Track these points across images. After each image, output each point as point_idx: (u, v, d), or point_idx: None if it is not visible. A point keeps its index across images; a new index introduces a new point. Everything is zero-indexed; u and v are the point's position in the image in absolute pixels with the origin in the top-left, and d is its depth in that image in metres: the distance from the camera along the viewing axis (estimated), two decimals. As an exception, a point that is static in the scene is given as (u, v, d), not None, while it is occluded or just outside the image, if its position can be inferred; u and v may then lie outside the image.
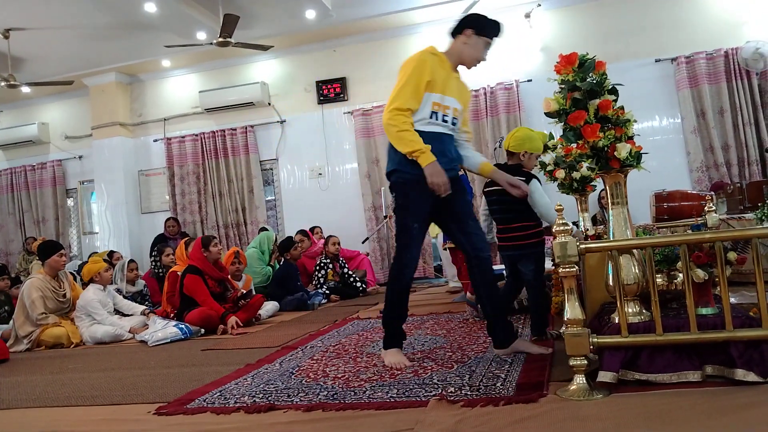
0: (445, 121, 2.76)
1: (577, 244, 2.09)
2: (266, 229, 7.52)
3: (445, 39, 2.89)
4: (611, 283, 2.14)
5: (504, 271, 4.02)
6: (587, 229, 3.35)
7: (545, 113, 2.38)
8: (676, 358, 2.02)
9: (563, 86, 2.30)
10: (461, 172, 5.18)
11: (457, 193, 2.81)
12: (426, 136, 2.67)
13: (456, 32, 2.86)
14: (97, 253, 7.46)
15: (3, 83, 7.16)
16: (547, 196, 3.02)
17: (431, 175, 2.60)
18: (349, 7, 7.05)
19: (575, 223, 3.78)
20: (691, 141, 6.86)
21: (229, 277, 5.20)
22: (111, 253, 7.17)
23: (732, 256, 2.09)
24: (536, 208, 3.02)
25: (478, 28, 2.81)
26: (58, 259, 4.85)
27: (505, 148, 3.26)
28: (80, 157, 9.13)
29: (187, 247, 5.43)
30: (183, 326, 4.46)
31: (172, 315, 4.89)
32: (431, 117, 2.71)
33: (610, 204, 2.30)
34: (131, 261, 5.93)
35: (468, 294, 4.21)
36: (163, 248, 6.26)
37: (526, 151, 3.13)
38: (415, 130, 2.66)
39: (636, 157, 2.18)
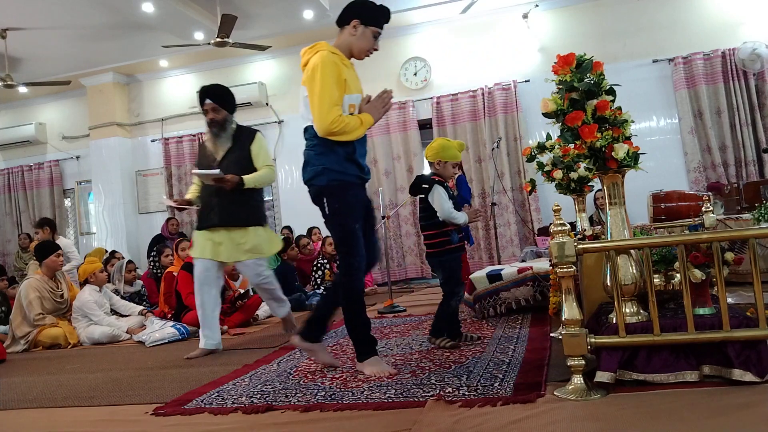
0: None
1: (574, 244, 2.09)
2: (289, 230, 7.49)
3: (443, 40, 2.88)
4: (609, 284, 2.14)
5: (501, 272, 4.04)
6: (585, 229, 3.36)
7: (543, 113, 2.38)
8: (674, 358, 2.02)
9: (561, 87, 2.30)
10: (459, 173, 5.20)
11: (371, 202, 2.84)
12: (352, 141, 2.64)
13: (342, 23, 2.73)
14: (89, 254, 7.43)
15: (0, 83, 7.14)
16: (449, 203, 3.05)
17: (376, 109, 2.68)
18: (347, 8, 7.04)
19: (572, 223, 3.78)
20: (688, 141, 6.87)
21: (225, 276, 5.20)
22: (113, 253, 7.14)
23: (729, 256, 2.09)
24: (438, 213, 3.06)
25: (364, 18, 2.68)
26: (55, 260, 4.84)
27: (425, 158, 3.29)
28: (77, 157, 9.12)
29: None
30: (180, 327, 4.46)
31: (169, 315, 4.89)
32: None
33: (607, 204, 2.30)
34: (129, 262, 5.92)
35: (466, 294, 4.21)
36: (162, 248, 6.25)
37: (440, 159, 3.17)
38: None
39: (633, 158, 2.18)
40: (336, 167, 2.62)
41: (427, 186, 3.10)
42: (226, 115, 3.77)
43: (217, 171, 3.55)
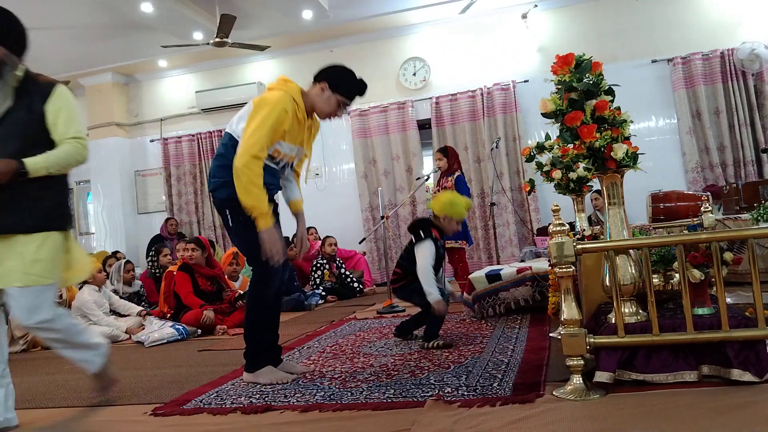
0: (276, 165, 2.69)
1: (573, 244, 2.09)
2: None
3: (442, 40, 2.89)
4: (608, 284, 2.14)
5: (500, 272, 4.04)
6: (584, 229, 3.36)
7: (542, 114, 2.38)
8: (673, 358, 2.03)
9: (560, 87, 2.30)
10: (458, 173, 5.20)
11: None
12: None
13: (316, 79, 2.72)
14: (92, 253, 7.43)
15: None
16: (429, 261, 3.14)
17: (268, 242, 2.51)
18: (346, 8, 7.05)
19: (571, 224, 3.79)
20: (686, 141, 6.88)
21: (225, 276, 5.20)
22: (115, 253, 7.14)
23: (728, 256, 2.10)
24: (417, 267, 3.18)
25: (333, 85, 2.67)
26: (54, 260, 4.82)
27: (431, 208, 3.39)
28: (76, 157, 9.09)
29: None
30: (180, 327, 4.46)
31: (168, 315, 4.88)
32: (267, 157, 2.61)
33: (606, 204, 2.30)
34: (127, 262, 5.91)
35: (465, 294, 4.22)
36: (160, 248, 6.24)
37: (445, 215, 3.27)
38: None
39: (632, 158, 2.19)
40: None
41: (421, 235, 3.22)
42: (5, 54, 2.26)
43: None
